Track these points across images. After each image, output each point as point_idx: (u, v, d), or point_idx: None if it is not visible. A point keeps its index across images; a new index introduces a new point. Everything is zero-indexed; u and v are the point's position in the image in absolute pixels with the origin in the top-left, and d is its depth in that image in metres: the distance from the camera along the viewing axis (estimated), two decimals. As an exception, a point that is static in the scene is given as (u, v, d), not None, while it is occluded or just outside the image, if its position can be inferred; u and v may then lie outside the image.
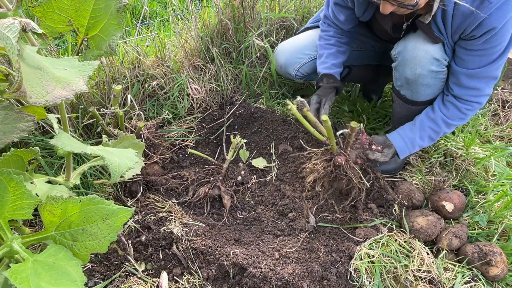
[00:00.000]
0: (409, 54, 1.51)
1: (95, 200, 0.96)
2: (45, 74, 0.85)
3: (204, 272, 1.41)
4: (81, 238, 0.96)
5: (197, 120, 2.18)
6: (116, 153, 1.10)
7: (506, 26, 1.29)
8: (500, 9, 1.24)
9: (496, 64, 1.40)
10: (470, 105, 1.52)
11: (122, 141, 1.54)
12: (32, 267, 0.86)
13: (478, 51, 1.38)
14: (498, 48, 1.35)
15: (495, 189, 1.68)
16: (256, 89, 2.35)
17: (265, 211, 1.70)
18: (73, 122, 1.81)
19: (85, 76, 0.91)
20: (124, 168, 1.05)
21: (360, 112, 2.14)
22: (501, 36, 1.32)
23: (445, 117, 1.56)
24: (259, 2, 2.38)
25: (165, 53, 2.24)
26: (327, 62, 1.83)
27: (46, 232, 0.97)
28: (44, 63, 0.87)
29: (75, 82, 0.88)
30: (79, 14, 1.11)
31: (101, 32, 1.17)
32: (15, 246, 0.89)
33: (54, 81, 0.85)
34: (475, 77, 1.44)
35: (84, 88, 0.88)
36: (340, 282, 1.37)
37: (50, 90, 0.83)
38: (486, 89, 1.47)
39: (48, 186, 1.24)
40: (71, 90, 0.86)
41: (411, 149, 1.65)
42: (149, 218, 1.57)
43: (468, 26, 1.32)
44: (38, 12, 1.06)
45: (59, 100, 0.83)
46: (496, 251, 1.41)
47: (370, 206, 1.63)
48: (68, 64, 0.93)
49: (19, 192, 0.91)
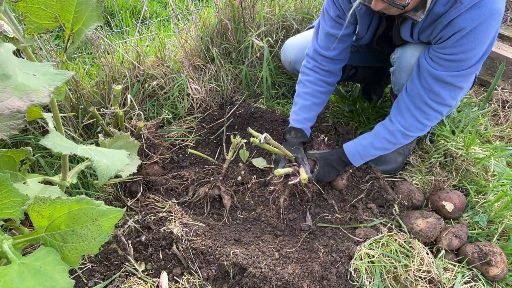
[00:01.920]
0: (406, 60, 1.49)
1: (83, 200, 0.93)
2: (6, 81, 0.80)
3: (204, 272, 1.41)
4: (71, 239, 0.93)
5: (197, 120, 2.18)
6: (108, 154, 1.09)
7: (477, 31, 1.22)
8: (471, 10, 1.20)
9: (464, 74, 1.33)
10: (427, 113, 1.44)
11: (118, 140, 1.54)
12: (18, 270, 0.83)
13: (449, 55, 1.31)
14: (468, 55, 1.28)
15: (495, 189, 1.68)
16: (256, 89, 2.35)
17: (265, 211, 1.70)
18: (73, 122, 1.81)
19: (53, 86, 0.85)
20: (112, 171, 1.03)
21: (360, 112, 2.14)
22: (472, 41, 1.24)
23: (403, 128, 1.50)
24: (259, 2, 2.38)
25: (165, 53, 2.24)
26: (300, 115, 1.75)
27: (37, 233, 0.95)
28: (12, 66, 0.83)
29: (36, 92, 0.81)
30: (64, 9, 1.07)
31: (83, 25, 1.13)
32: (5, 247, 0.86)
33: (12, 88, 0.79)
34: (439, 80, 1.36)
35: (45, 100, 0.81)
36: (340, 282, 1.37)
37: (3, 98, 0.77)
38: (448, 99, 1.40)
39: (41, 186, 1.22)
40: (28, 101, 0.79)
41: (363, 156, 1.63)
42: (149, 218, 1.57)
43: (437, 26, 1.29)
44: (22, 8, 1.03)
45: (8, 111, 0.77)
46: (496, 251, 1.41)
47: (370, 206, 1.63)
48: (40, 70, 0.88)
49: (6, 191, 0.89)
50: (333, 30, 1.61)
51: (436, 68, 1.35)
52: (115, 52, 2.10)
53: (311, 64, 1.73)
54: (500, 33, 2.67)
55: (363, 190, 1.70)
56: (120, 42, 2.19)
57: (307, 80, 1.73)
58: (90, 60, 2.27)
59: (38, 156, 1.57)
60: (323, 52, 1.67)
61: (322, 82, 1.72)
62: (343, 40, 1.64)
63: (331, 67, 1.70)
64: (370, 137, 1.61)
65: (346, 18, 1.56)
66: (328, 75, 1.73)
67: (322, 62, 1.69)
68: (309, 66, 1.73)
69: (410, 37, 1.45)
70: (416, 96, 1.43)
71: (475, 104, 2.27)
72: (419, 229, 1.51)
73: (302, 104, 1.73)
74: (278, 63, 2.43)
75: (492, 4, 1.18)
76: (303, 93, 1.74)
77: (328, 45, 1.65)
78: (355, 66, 1.97)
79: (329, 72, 1.72)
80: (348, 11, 1.52)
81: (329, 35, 1.63)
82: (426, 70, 1.37)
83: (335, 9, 1.56)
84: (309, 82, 1.73)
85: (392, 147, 1.58)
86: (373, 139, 1.59)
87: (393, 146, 1.58)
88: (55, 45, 2.49)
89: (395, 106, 1.54)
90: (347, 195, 1.69)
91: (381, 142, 1.57)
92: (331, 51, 1.65)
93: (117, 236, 1.48)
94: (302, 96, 1.74)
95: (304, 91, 1.74)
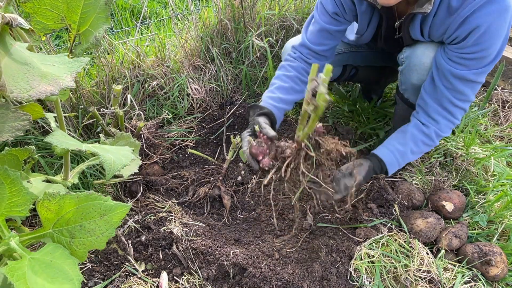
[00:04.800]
0: (417, 59, 1.48)
1: (92, 196, 0.96)
2: (32, 70, 0.85)
3: (204, 272, 1.41)
4: (78, 234, 0.95)
5: (197, 120, 2.18)
6: (111, 151, 1.10)
7: (492, 28, 1.23)
8: (484, 7, 1.20)
9: (485, 70, 1.34)
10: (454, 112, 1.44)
11: (119, 140, 1.55)
12: (29, 264, 0.85)
13: (470, 54, 1.31)
14: (488, 52, 1.29)
15: (495, 189, 1.68)
16: (256, 89, 2.35)
17: (265, 211, 1.70)
18: (73, 122, 1.81)
19: (74, 72, 0.90)
20: (119, 165, 1.05)
21: (360, 112, 2.14)
22: (490, 38, 1.26)
23: (438, 130, 1.48)
24: (259, 2, 2.38)
25: (165, 53, 2.24)
26: (275, 93, 1.57)
27: (44, 229, 0.96)
28: (32, 59, 0.87)
29: (62, 78, 0.87)
30: (71, 10, 1.10)
31: (90, 26, 1.15)
32: (13, 244, 0.88)
33: (40, 76, 0.85)
34: (462, 79, 1.36)
35: (71, 83, 0.88)
36: (340, 282, 1.37)
37: (35, 85, 0.83)
38: (471, 95, 1.41)
39: (45, 184, 1.24)
40: (57, 86, 0.85)
41: (401, 163, 1.51)
42: (149, 218, 1.57)
43: (450, 25, 1.28)
44: (29, 8, 1.05)
45: (43, 95, 0.82)
46: (496, 251, 1.41)
47: (370, 206, 1.64)
48: (57, 60, 0.93)
49: (16, 189, 0.90)
50: (329, 25, 1.58)
51: (458, 68, 1.36)
52: (115, 52, 2.10)
53: (296, 55, 1.67)
54: (500, 33, 2.66)
55: (363, 190, 1.70)
56: (120, 42, 2.19)
57: (290, 65, 1.65)
58: (90, 60, 2.27)
59: (39, 156, 1.57)
60: (311, 46, 1.62)
61: (304, 72, 1.66)
62: (335, 37, 1.61)
63: (315, 62, 1.61)
64: (408, 141, 1.50)
65: (344, 16, 1.54)
66: None
67: (308, 55, 1.65)
68: (294, 56, 1.68)
69: (421, 36, 1.43)
70: (442, 98, 1.44)
71: (475, 104, 2.27)
72: (419, 229, 1.51)
73: (280, 85, 1.61)
74: (278, 63, 2.42)
75: (504, 0, 1.19)
76: (283, 76, 1.64)
77: (319, 40, 1.61)
78: (355, 66, 1.97)
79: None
80: (348, 7, 1.51)
81: (323, 31, 1.59)
82: (448, 71, 1.38)
83: (334, 6, 1.54)
84: (292, 68, 1.65)
85: (427, 149, 1.55)
86: (411, 144, 1.50)
87: (428, 148, 1.54)
88: (55, 45, 2.49)
89: (421, 111, 1.50)
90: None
91: (418, 146, 1.50)
92: (321, 46, 1.62)
93: (117, 236, 1.48)
94: (281, 78, 1.64)
95: (285, 74, 1.63)
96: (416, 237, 1.50)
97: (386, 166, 1.46)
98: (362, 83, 2.31)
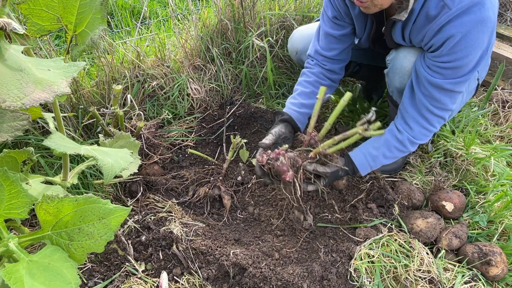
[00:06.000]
0: (398, 63, 1.49)
1: (91, 199, 0.95)
2: (26, 76, 0.83)
3: (204, 272, 1.41)
4: (77, 237, 0.95)
5: (197, 120, 2.18)
6: (110, 153, 1.10)
7: (468, 39, 1.22)
8: (459, 17, 1.20)
9: (462, 80, 1.33)
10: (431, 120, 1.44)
11: (118, 140, 1.54)
12: (27, 267, 0.84)
13: (445, 63, 1.31)
14: (463, 62, 1.28)
15: (495, 189, 1.68)
16: (256, 89, 2.35)
17: (265, 211, 1.70)
18: (73, 122, 1.81)
19: (69, 77, 0.89)
20: (117, 169, 1.04)
21: (360, 112, 2.14)
22: (465, 48, 1.24)
23: (411, 137, 1.49)
24: (259, 2, 2.38)
25: (165, 53, 2.24)
26: (297, 99, 1.67)
27: (43, 231, 0.96)
28: (27, 64, 0.86)
29: (57, 84, 0.85)
30: (67, 10, 1.08)
31: (87, 27, 1.14)
32: (11, 246, 0.87)
33: (34, 82, 0.83)
34: (439, 88, 1.36)
35: (67, 90, 0.86)
36: (340, 282, 1.37)
37: (29, 92, 0.81)
38: (449, 104, 1.41)
39: (43, 186, 1.23)
40: (52, 92, 0.83)
41: (373, 166, 1.55)
42: (149, 218, 1.57)
43: (427, 33, 1.29)
44: (24, 9, 1.04)
45: (37, 103, 0.80)
46: (496, 251, 1.41)
47: (370, 206, 1.64)
48: (53, 65, 0.91)
49: (15, 191, 0.90)
50: (332, 30, 1.62)
51: (434, 76, 1.35)
52: (115, 52, 2.10)
53: (314, 62, 1.74)
54: (500, 33, 2.67)
55: (363, 190, 1.70)
56: (120, 42, 2.19)
57: (310, 71, 1.73)
58: (90, 60, 2.27)
59: (38, 156, 1.57)
60: (323, 52, 1.68)
61: (324, 76, 1.73)
62: (342, 41, 1.64)
63: (332, 67, 1.71)
64: (380, 146, 1.54)
65: (344, 19, 1.57)
66: (330, 73, 1.74)
67: (323, 61, 1.71)
68: (312, 63, 1.75)
69: (402, 40, 1.45)
70: (419, 104, 1.44)
71: (475, 104, 2.27)
72: (419, 229, 1.51)
73: (301, 91, 1.70)
74: (278, 63, 2.43)
75: (480, 11, 1.18)
76: (304, 81, 1.72)
77: (328, 45, 1.66)
78: (359, 63, 1.97)
79: (330, 70, 1.73)
80: (343, 11, 1.54)
81: (329, 36, 1.64)
82: (425, 78, 1.38)
83: (332, 10, 1.57)
84: (311, 73, 1.72)
85: (402, 155, 1.56)
86: (384, 149, 1.54)
87: (402, 154, 1.56)
88: (55, 45, 2.49)
89: (399, 116, 1.52)
90: (347, 195, 1.69)
91: (391, 151, 1.53)
92: (331, 51, 1.66)
93: (117, 236, 1.48)
94: (302, 84, 1.72)
95: (305, 80, 1.72)
96: (416, 237, 1.50)
97: (358, 168, 1.53)
98: (365, 81, 2.31)
